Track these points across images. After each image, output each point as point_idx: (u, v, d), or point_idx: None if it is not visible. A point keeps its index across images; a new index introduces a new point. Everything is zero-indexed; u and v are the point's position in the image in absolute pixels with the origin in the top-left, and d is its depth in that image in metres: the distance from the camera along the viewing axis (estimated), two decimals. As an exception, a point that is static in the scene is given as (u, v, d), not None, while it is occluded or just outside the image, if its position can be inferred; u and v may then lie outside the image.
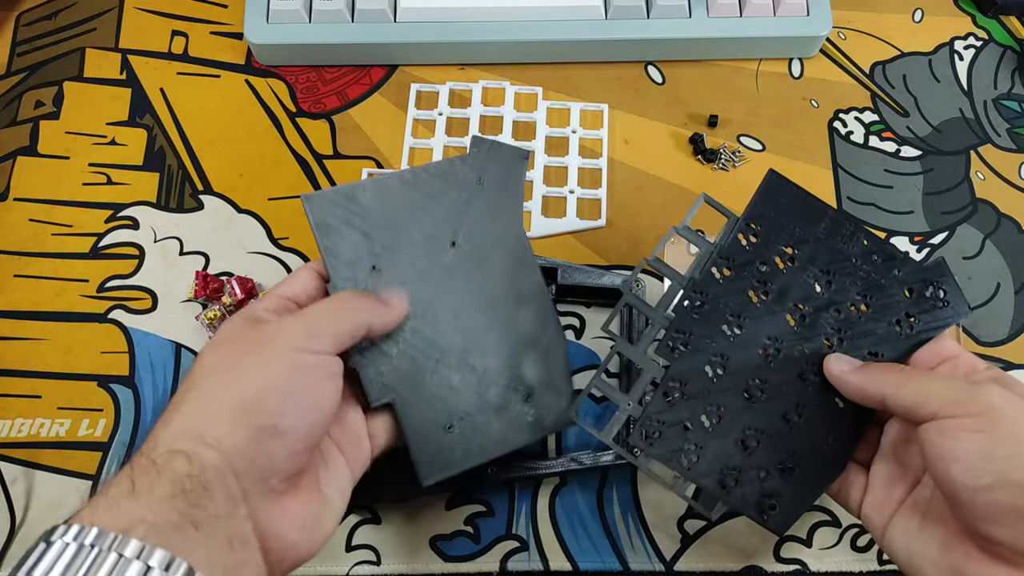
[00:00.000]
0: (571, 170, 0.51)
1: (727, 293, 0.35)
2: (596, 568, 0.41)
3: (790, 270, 0.35)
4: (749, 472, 0.34)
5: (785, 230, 0.36)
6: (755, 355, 0.34)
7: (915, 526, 0.31)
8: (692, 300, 0.35)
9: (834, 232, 0.36)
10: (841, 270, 0.35)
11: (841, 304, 0.35)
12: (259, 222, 0.49)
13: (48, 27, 0.55)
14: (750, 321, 0.35)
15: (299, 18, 0.52)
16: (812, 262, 0.35)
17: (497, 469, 0.40)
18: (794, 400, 0.34)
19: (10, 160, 0.50)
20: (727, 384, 0.34)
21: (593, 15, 0.52)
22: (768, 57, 0.55)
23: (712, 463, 0.34)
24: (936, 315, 0.35)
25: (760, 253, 0.35)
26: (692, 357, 0.35)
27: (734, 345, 0.35)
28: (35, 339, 0.46)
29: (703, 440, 0.34)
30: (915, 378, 0.31)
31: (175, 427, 0.27)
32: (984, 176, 0.52)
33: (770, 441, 0.34)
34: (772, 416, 0.34)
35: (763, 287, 0.35)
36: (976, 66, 0.55)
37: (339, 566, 0.41)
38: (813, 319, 0.35)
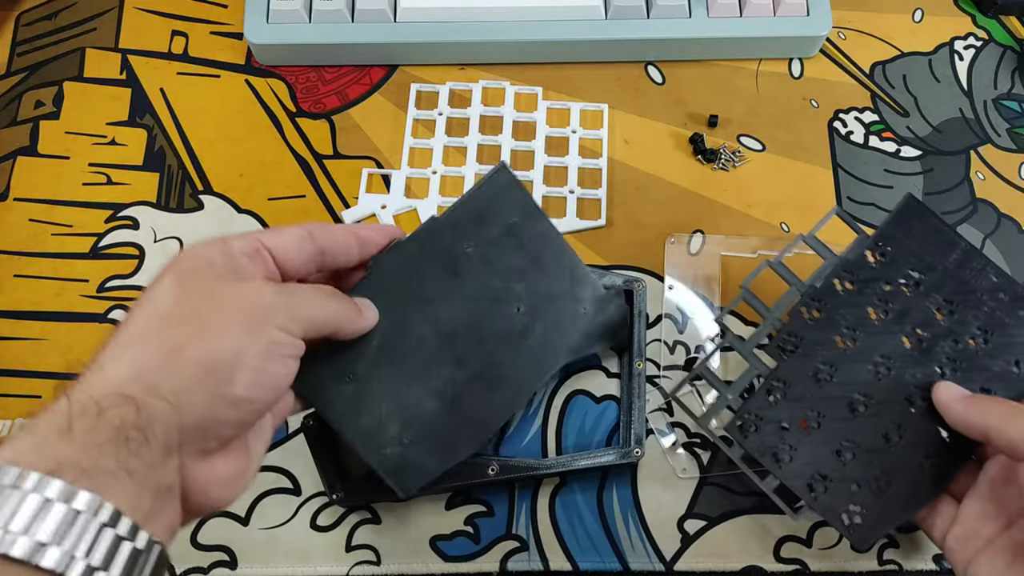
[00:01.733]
0: (571, 170, 0.51)
1: (846, 306, 0.35)
2: (596, 568, 0.41)
3: (913, 294, 0.35)
4: (840, 483, 0.34)
5: (914, 255, 0.36)
6: (865, 370, 0.35)
7: (1004, 565, 0.30)
8: (809, 307, 0.35)
9: (964, 264, 0.36)
10: (965, 302, 0.35)
11: (960, 335, 0.35)
12: (259, 222, 0.49)
13: (48, 27, 0.55)
14: (865, 337, 0.35)
15: (299, 18, 0.52)
16: (937, 290, 0.35)
17: (498, 470, 0.40)
18: (897, 421, 0.34)
19: (10, 160, 0.50)
20: (832, 393, 0.34)
21: (593, 15, 0.52)
22: (768, 57, 0.55)
23: (804, 466, 0.34)
24: None
25: (885, 273, 0.36)
26: (801, 361, 0.35)
27: (845, 357, 0.35)
28: (35, 339, 0.46)
29: (798, 442, 0.34)
30: (1020, 415, 0.31)
31: (126, 369, 0.26)
32: (984, 176, 0.52)
33: (866, 456, 0.34)
34: (872, 432, 0.34)
35: (883, 306, 0.35)
36: (976, 66, 0.55)
37: (339, 566, 0.41)
38: (929, 345, 0.35)
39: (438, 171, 0.50)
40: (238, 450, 0.30)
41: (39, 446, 0.24)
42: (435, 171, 0.50)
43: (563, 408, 0.44)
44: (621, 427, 0.43)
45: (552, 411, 0.44)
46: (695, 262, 0.48)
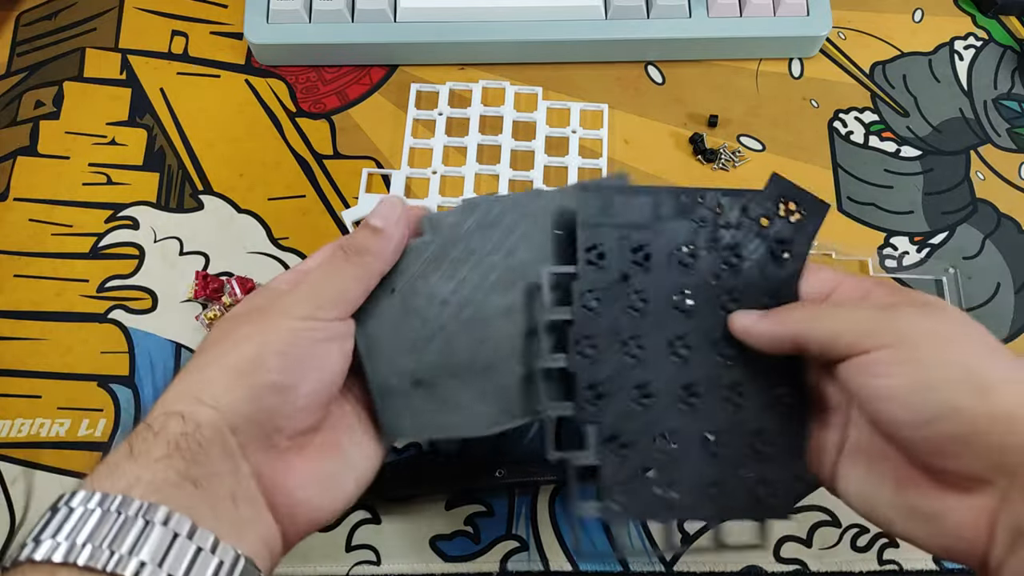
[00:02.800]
0: (571, 170, 0.51)
1: (609, 323, 0.32)
2: (596, 568, 0.41)
3: (652, 266, 0.32)
4: (730, 476, 0.31)
5: (625, 232, 0.33)
6: (669, 365, 0.32)
7: (862, 470, 0.29)
8: (581, 347, 0.32)
9: (670, 208, 0.33)
10: (697, 240, 0.32)
11: (715, 269, 0.32)
12: (259, 222, 0.49)
13: (48, 27, 0.55)
14: (647, 334, 0.32)
15: (299, 18, 0.52)
16: (669, 246, 0.32)
17: (505, 473, 0.40)
18: (727, 383, 0.32)
19: (10, 160, 0.50)
20: (660, 409, 0.32)
21: (593, 15, 0.52)
22: (768, 57, 0.55)
23: (693, 491, 0.31)
24: (803, 228, 0.32)
25: (616, 266, 0.32)
26: (613, 402, 0.32)
27: (646, 368, 0.32)
28: (35, 339, 0.46)
29: (670, 474, 0.31)
30: (821, 313, 0.28)
31: (172, 393, 0.27)
32: (984, 176, 0.52)
33: (729, 434, 0.32)
34: (717, 411, 0.32)
35: (639, 295, 0.32)
36: (976, 66, 0.55)
37: (339, 566, 0.41)
38: (700, 298, 0.32)
39: (438, 171, 0.50)
40: (322, 448, 0.30)
41: (111, 471, 0.25)
42: (435, 171, 0.50)
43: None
44: None
45: (552, 411, 0.44)
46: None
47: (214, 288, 0.45)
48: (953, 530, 0.26)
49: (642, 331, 0.32)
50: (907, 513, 0.27)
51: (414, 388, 0.33)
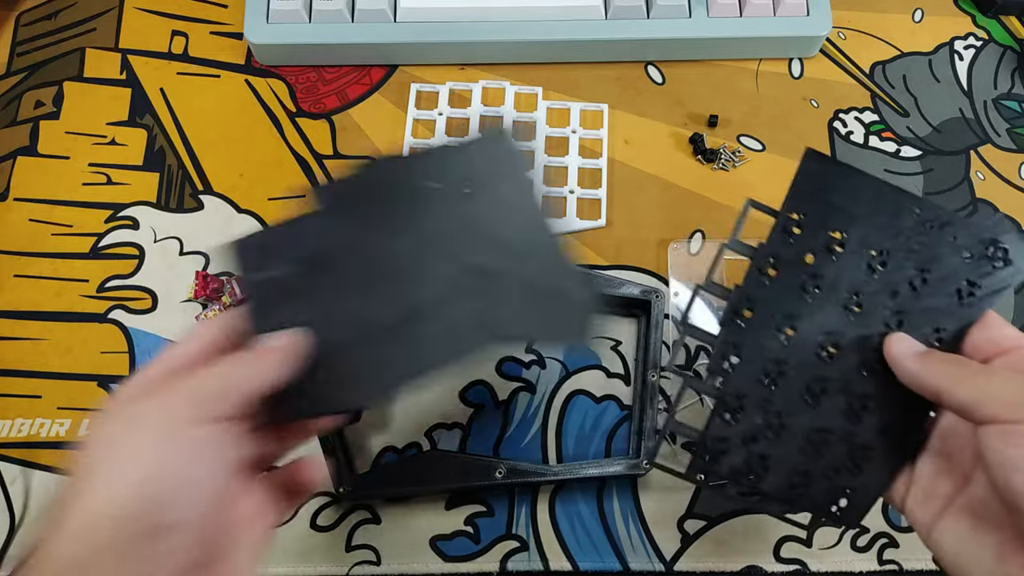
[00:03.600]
0: (571, 170, 0.51)
1: (775, 296, 0.33)
2: (596, 568, 0.41)
3: (840, 257, 0.33)
4: (817, 474, 0.33)
5: (829, 214, 0.33)
6: (812, 354, 0.33)
7: (966, 529, 0.29)
8: (738, 310, 0.33)
9: (884, 205, 0.33)
10: (894, 247, 0.32)
11: (897, 284, 0.32)
12: (259, 222, 0.49)
13: (48, 27, 0.55)
14: (804, 320, 0.33)
15: (299, 18, 0.52)
16: (863, 243, 0.33)
17: (505, 473, 0.40)
18: (857, 393, 0.32)
19: (10, 160, 0.50)
20: (786, 390, 0.33)
21: (593, 15, 0.52)
22: (768, 57, 0.55)
23: (779, 473, 0.33)
24: (998, 276, 0.32)
25: (806, 245, 0.33)
26: (746, 369, 0.33)
27: (789, 348, 0.33)
28: (35, 339, 0.46)
29: (767, 451, 0.33)
30: (974, 375, 0.29)
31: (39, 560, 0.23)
32: (984, 176, 0.52)
33: (835, 438, 0.32)
34: (836, 414, 0.32)
35: (813, 281, 0.33)
36: (976, 66, 0.55)
37: (339, 566, 0.41)
38: (870, 304, 0.32)
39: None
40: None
41: None
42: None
43: (563, 408, 0.44)
44: (631, 438, 0.43)
45: (552, 411, 0.44)
46: (699, 267, 0.47)
47: (214, 288, 0.45)
48: None
49: (801, 315, 0.33)
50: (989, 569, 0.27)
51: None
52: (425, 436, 0.44)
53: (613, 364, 0.45)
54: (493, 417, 0.44)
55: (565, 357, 0.46)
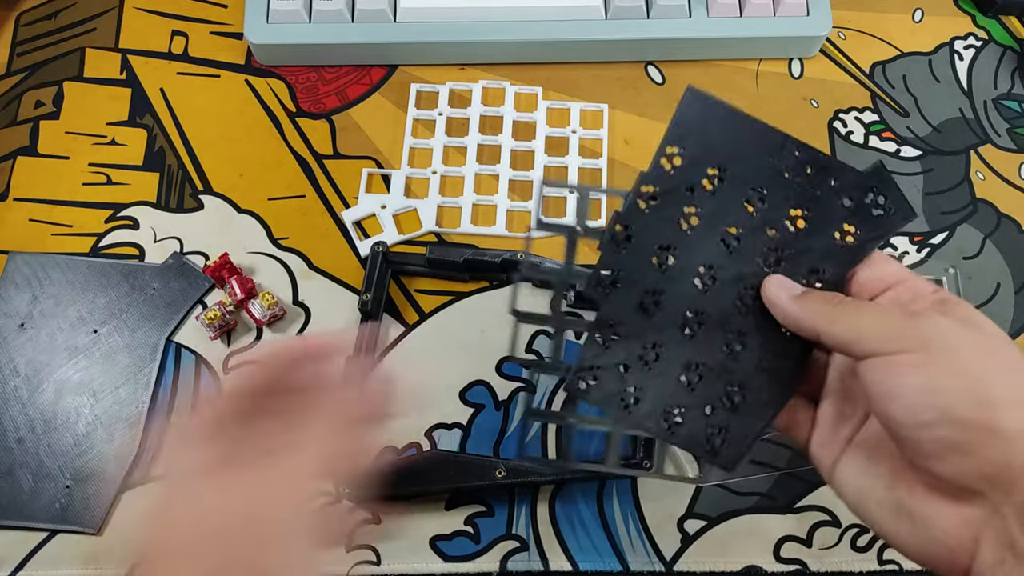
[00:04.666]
0: (571, 170, 0.51)
1: (653, 223, 0.32)
2: (596, 568, 0.41)
3: (719, 192, 0.33)
4: (694, 409, 0.32)
5: (710, 150, 0.33)
6: (689, 286, 0.32)
7: (862, 464, 0.29)
8: (615, 236, 0.32)
9: (763, 146, 0.33)
10: (773, 185, 0.33)
11: (776, 222, 0.32)
12: (259, 222, 0.49)
13: (48, 27, 0.55)
14: (681, 251, 0.32)
15: (299, 18, 0.52)
16: (742, 181, 0.33)
17: (505, 473, 0.40)
18: (735, 328, 0.32)
19: (10, 160, 0.50)
20: (662, 319, 0.32)
21: (593, 15, 0.52)
22: (768, 57, 0.55)
23: (654, 404, 0.32)
24: (879, 222, 0.32)
25: (685, 177, 0.33)
26: (622, 295, 0.32)
27: (666, 278, 0.32)
28: (35, 339, 0.46)
29: (642, 381, 0.32)
30: (848, 312, 0.29)
31: None
32: (984, 176, 0.52)
33: (713, 374, 0.32)
34: (713, 348, 0.32)
35: (691, 212, 0.32)
36: (976, 66, 0.55)
37: (339, 566, 0.41)
38: (748, 241, 0.32)
39: (438, 171, 0.50)
40: None
41: None
42: (435, 171, 0.50)
43: (563, 408, 0.44)
44: (631, 438, 0.43)
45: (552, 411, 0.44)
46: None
47: (227, 270, 0.45)
48: (938, 536, 0.26)
49: (679, 246, 0.32)
50: (895, 512, 0.27)
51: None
52: (425, 436, 0.44)
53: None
54: (493, 417, 0.44)
55: (565, 357, 0.46)
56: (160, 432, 0.43)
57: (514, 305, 0.33)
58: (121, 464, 0.42)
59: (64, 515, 0.41)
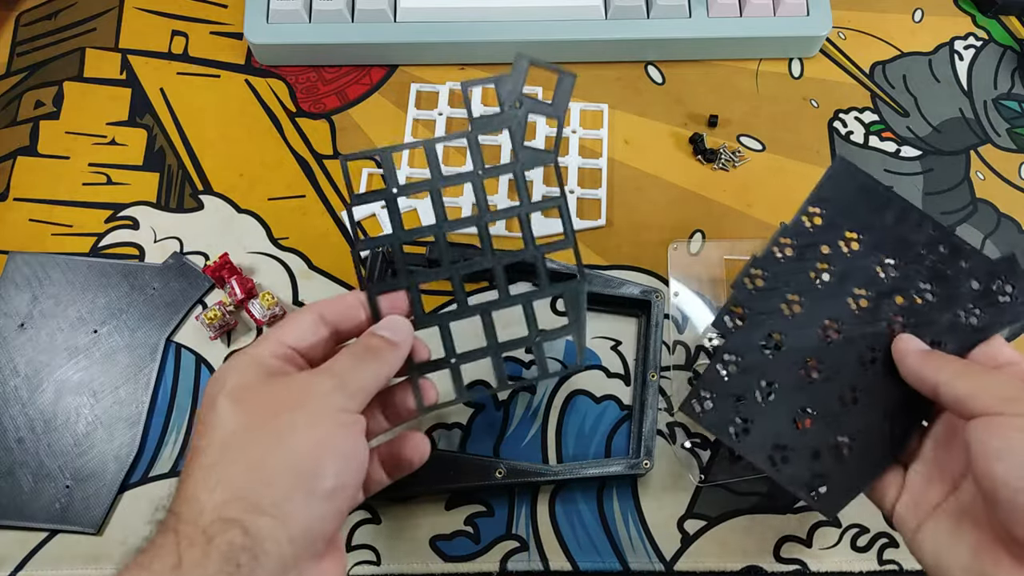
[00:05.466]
0: (571, 170, 0.51)
1: (788, 272, 0.35)
2: (596, 568, 0.41)
3: (854, 255, 0.35)
4: (800, 451, 0.34)
5: (850, 216, 0.36)
6: (814, 335, 0.35)
7: (948, 529, 0.30)
8: (752, 277, 0.35)
9: (901, 220, 0.36)
10: (906, 258, 0.35)
11: (905, 291, 0.35)
12: (259, 222, 0.49)
13: (48, 27, 0.55)
14: (810, 302, 0.35)
15: (299, 18, 0.52)
16: (877, 248, 0.35)
17: (506, 473, 0.40)
18: (851, 383, 0.34)
19: (10, 160, 0.50)
20: (783, 361, 0.34)
21: (593, 15, 0.52)
22: (768, 57, 0.55)
23: (762, 438, 0.34)
24: (1003, 309, 0.34)
25: (824, 236, 0.36)
26: (748, 332, 0.35)
27: (792, 324, 0.35)
28: (35, 339, 0.46)
29: (754, 414, 0.34)
30: (973, 371, 0.31)
31: (220, 493, 0.26)
32: (984, 176, 0.52)
33: (823, 422, 0.34)
34: (828, 397, 0.34)
35: (825, 269, 0.35)
36: (976, 66, 0.55)
37: (339, 566, 0.41)
38: (876, 304, 0.35)
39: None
40: (336, 546, 0.30)
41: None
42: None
43: (563, 408, 0.44)
44: (631, 438, 0.43)
45: (552, 411, 0.44)
46: (699, 267, 0.48)
47: (227, 270, 0.45)
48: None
49: (809, 297, 0.35)
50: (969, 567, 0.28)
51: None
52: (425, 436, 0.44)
53: (613, 364, 0.45)
54: (493, 417, 0.44)
55: (565, 357, 0.46)
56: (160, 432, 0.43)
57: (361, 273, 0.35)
58: (121, 464, 0.42)
59: (64, 515, 0.41)
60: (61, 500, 0.41)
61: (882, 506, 0.34)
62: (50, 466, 0.42)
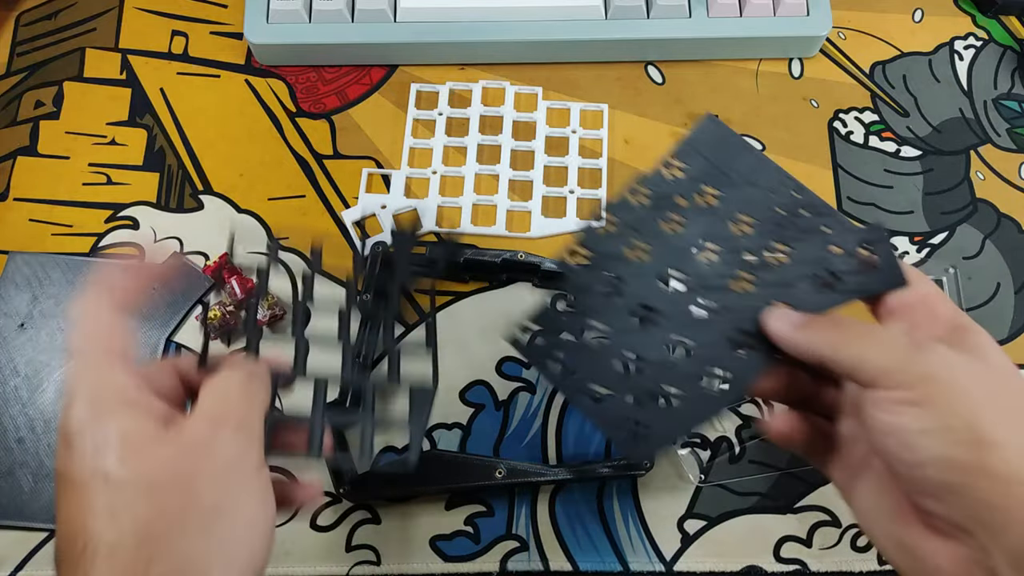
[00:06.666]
0: (571, 170, 0.51)
1: (638, 220, 0.34)
2: (596, 568, 0.41)
3: (711, 210, 0.34)
4: (623, 395, 0.33)
5: (713, 173, 0.35)
6: (654, 284, 0.34)
7: (872, 491, 0.29)
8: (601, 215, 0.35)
9: (764, 181, 0.34)
10: (765, 218, 0.34)
11: (758, 250, 0.33)
12: (259, 222, 0.49)
13: (48, 27, 0.55)
14: (658, 251, 0.34)
15: (299, 18, 0.52)
16: (734, 205, 0.34)
17: (506, 473, 0.40)
18: (688, 333, 0.33)
19: (10, 160, 0.50)
20: (619, 305, 0.33)
21: (593, 15, 0.52)
22: (768, 57, 0.55)
23: (584, 376, 0.33)
24: (865, 279, 0.32)
25: (681, 188, 0.35)
26: (589, 273, 0.34)
27: (636, 271, 0.34)
28: (35, 339, 0.46)
29: (580, 353, 0.33)
30: (853, 340, 0.28)
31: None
32: (984, 176, 0.52)
33: (652, 369, 0.33)
34: (659, 346, 0.33)
35: (677, 221, 0.34)
36: (976, 66, 0.55)
37: (339, 566, 0.41)
38: (728, 260, 0.33)
39: (438, 171, 0.50)
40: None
41: None
42: (435, 171, 0.50)
43: (563, 408, 0.44)
44: None
45: (552, 411, 0.44)
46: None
47: (227, 271, 0.45)
48: (932, 572, 0.26)
49: (657, 245, 0.34)
50: (896, 545, 0.28)
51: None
52: (425, 436, 0.44)
53: (613, 364, 0.45)
54: (493, 417, 0.44)
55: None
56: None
57: None
58: (121, 464, 0.42)
59: (64, 515, 0.41)
60: (61, 500, 0.41)
61: (820, 468, 0.32)
62: (50, 466, 0.42)
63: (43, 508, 0.41)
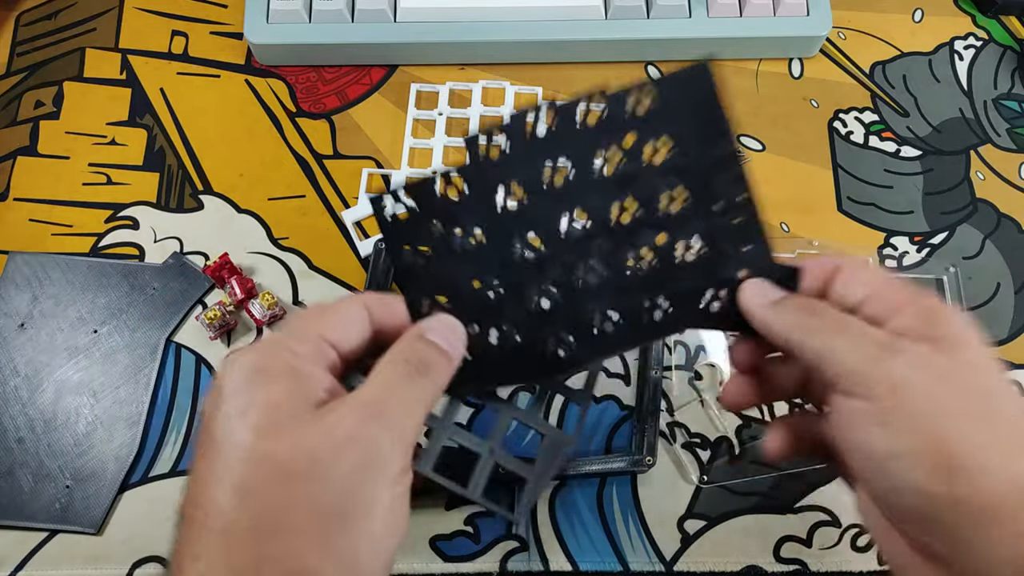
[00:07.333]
0: (571, 170, 0.50)
1: (532, 151, 0.33)
2: (596, 568, 0.41)
3: (649, 168, 0.32)
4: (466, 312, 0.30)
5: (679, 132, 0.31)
6: (551, 216, 0.32)
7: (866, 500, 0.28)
8: (487, 142, 0.33)
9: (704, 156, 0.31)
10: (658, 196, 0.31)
11: (652, 197, 0.32)
12: (259, 222, 0.49)
13: (48, 27, 0.55)
14: (572, 184, 0.33)
15: (299, 18, 0.52)
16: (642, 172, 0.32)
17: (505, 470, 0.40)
18: (554, 278, 0.31)
19: (10, 160, 0.50)
20: (498, 239, 0.31)
21: (593, 15, 0.52)
22: (768, 57, 0.55)
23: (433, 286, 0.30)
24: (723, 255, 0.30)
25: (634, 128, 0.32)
26: (473, 201, 0.32)
27: (525, 207, 0.32)
28: (35, 339, 0.46)
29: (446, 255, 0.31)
30: (824, 330, 0.26)
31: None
32: (984, 176, 0.52)
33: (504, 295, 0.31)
34: (535, 282, 0.31)
35: (611, 163, 0.33)
36: (976, 66, 0.55)
37: (339, 566, 0.41)
38: (620, 182, 0.32)
39: (438, 171, 0.50)
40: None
41: None
42: (435, 171, 0.50)
43: (563, 408, 0.44)
44: (634, 435, 0.43)
45: (552, 411, 0.44)
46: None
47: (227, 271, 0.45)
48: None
49: (579, 180, 0.33)
50: (886, 551, 0.27)
51: None
52: (425, 436, 0.44)
53: (613, 364, 0.45)
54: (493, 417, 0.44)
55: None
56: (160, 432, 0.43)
57: None
58: (121, 464, 0.42)
59: (64, 515, 0.41)
60: (61, 500, 0.41)
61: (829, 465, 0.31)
62: (50, 466, 0.42)
63: (43, 508, 0.41)
